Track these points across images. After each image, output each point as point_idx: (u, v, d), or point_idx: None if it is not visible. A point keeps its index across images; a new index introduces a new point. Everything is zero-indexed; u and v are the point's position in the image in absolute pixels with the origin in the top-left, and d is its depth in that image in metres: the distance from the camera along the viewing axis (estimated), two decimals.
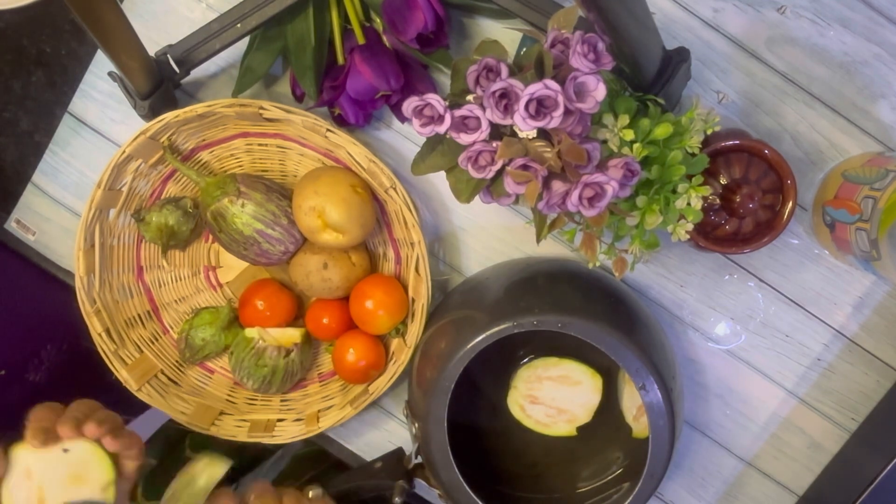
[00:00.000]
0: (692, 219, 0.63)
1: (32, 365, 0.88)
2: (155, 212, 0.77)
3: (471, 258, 0.81)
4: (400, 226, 0.75)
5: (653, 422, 0.66)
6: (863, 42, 0.73)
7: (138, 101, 0.70)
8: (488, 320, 0.66)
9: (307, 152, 0.76)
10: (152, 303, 0.81)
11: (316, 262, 0.76)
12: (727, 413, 0.81)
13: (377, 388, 0.75)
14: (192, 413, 0.77)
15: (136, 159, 0.72)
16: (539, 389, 0.77)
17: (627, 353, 0.65)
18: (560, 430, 0.77)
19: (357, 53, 0.69)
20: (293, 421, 0.79)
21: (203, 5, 0.79)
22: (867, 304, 0.77)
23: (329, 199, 0.71)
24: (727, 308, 0.79)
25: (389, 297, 0.76)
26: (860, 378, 0.78)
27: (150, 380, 0.77)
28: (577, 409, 0.77)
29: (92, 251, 0.74)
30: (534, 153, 0.57)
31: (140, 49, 0.64)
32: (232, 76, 0.79)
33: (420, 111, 0.58)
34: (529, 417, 0.77)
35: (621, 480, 0.75)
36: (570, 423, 0.76)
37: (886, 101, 0.74)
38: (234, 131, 0.76)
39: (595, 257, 0.64)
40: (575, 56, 0.55)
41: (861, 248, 0.66)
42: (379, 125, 0.79)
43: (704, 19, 0.74)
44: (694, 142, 0.63)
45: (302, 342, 0.78)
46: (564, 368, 0.77)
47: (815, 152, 0.75)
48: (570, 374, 0.76)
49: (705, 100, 0.75)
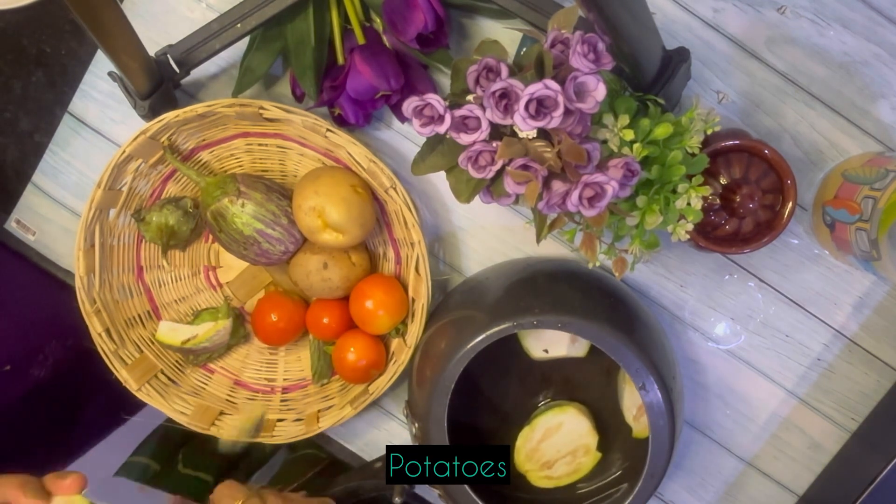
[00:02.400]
0: (692, 219, 0.63)
1: (37, 361, 0.88)
2: (155, 212, 0.77)
3: (471, 258, 0.81)
4: (400, 226, 0.74)
5: (653, 422, 0.66)
6: (863, 42, 0.73)
7: (138, 101, 0.70)
8: (488, 320, 0.66)
9: (307, 152, 0.76)
10: (152, 303, 0.81)
11: (316, 262, 0.76)
12: (727, 413, 0.81)
13: (377, 388, 0.75)
14: (192, 413, 0.77)
15: (136, 159, 0.72)
16: (543, 455, 0.77)
17: (627, 353, 0.65)
18: (589, 464, 0.77)
19: (357, 53, 0.69)
20: (293, 421, 0.79)
21: (203, 5, 0.79)
22: (867, 304, 0.77)
23: (329, 199, 0.71)
24: (727, 308, 0.79)
25: (390, 297, 0.76)
26: (860, 378, 0.78)
27: (149, 380, 0.77)
28: (581, 440, 0.76)
29: (92, 251, 0.74)
30: (534, 153, 0.57)
31: (140, 49, 0.64)
32: (232, 76, 0.79)
33: (420, 111, 0.58)
34: (560, 478, 0.77)
35: (621, 481, 0.75)
36: (589, 453, 0.76)
37: (886, 101, 0.74)
38: (234, 131, 0.76)
39: (595, 257, 0.64)
40: (575, 56, 0.55)
41: (861, 248, 0.66)
42: (379, 125, 0.79)
43: (704, 19, 0.74)
44: (694, 142, 0.63)
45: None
46: (541, 425, 0.77)
47: (815, 152, 0.75)
48: (548, 424, 0.77)
49: (705, 100, 0.75)
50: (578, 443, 0.76)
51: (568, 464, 0.76)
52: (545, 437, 0.77)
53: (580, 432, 0.76)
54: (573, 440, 0.76)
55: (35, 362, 0.88)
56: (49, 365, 0.89)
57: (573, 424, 0.76)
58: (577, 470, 0.77)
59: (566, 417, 0.77)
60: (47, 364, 0.89)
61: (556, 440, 0.77)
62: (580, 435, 0.76)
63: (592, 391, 0.79)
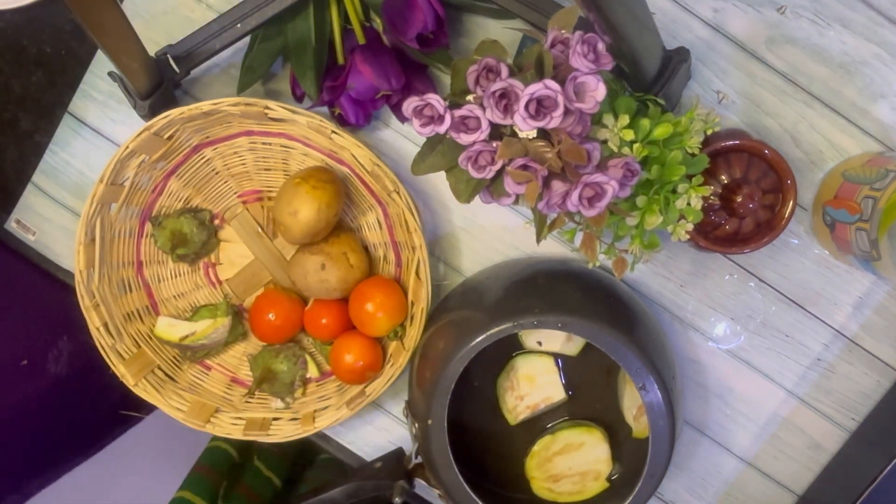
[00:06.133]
0: (692, 219, 0.63)
1: (52, 356, 0.88)
2: (172, 218, 0.78)
3: (471, 258, 0.81)
4: (401, 229, 0.74)
5: (653, 422, 0.66)
6: (863, 42, 0.73)
7: (138, 101, 0.70)
8: (488, 320, 0.66)
9: (311, 152, 0.77)
10: (151, 298, 0.81)
11: (314, 262, 0.76)
12: (727, 413, 0.81)
13: (374, 390, 0.75)
14: (189, 410, 0.77)
15: (139, 155, 0.73)
16: (554, 468, 0.77)
17: (627, 353, 0.65)
18: (594, 490, 0.76)
19: (358, 53, 0.69)
20: (289, 420, 0.79)
21: (203, 5, 0.79)
22: (867, 304, 0.77)
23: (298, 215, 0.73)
24: (727, 308, 0.79)
25: (389, 299, 0.76)
26: (860, 378, 0.78)
27: (146, 375, 0.77)
28: (596, 465, 0.76)
29: (92, 245, 0.74)
30: (534, 153, 0.57)
31: (140, 49, 0.64)
32: (231, 76, 0.79)
33: (420, 111, 0.58)
34: (561, 494, 0.76)
35: (621, 481, 0.75)
36: (598, 480, 0.76)
37: (886, 101, 0.74)
38: (238, 129, 0.76)
39: (595, 257, 0.64)
40: (575, 56, 0.55)
41: (861, 248, 0.66)
42: (379, 125, 0.79)
43: (704, 19, 0.74)
44: (694, 142, 0.63)
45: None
46: (562, 438, 0.77)
47: (815, 152, 0.75)
48: (570, 440, 0.77)
49: (705, 100, 0.75)
50: (592, 467, 0.76)
51: (574, 483, 0.76)
52: (562, 452, 0.76)
53: (598, 457, 0.76)
54: (588, 462, 0.76)
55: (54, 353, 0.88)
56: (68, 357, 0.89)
57: (593, 448, 0.76)
58: (580, 492, 0.76)
59: (590, 439, 0.76)
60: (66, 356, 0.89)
61: (571, 457, 0.76)
62: (597, 460, 0.76)
63: (592, 391, 0.79)
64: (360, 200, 0.79)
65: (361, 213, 0.80)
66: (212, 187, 0.81)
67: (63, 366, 0.91)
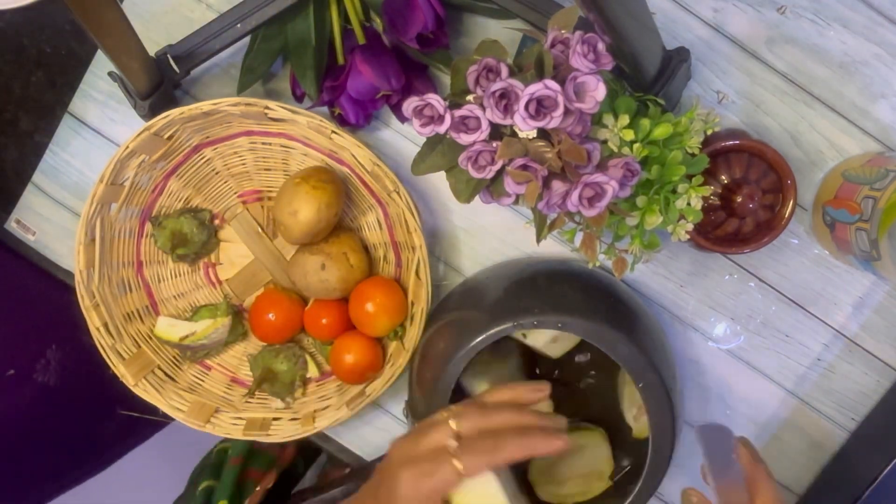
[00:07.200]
0: (692, 219, 0.63)
1: (40, 366, 0.88)
2: (172, 218, 0.78)
3: (471, 258, 0.81)
4: (402, 229, 0.75)
5: (653, 422, 0.66)
6: (863, 42, 0.73)
7: (138, 101, 0.70)
8: (488, 320, 0.66)
9: (311, 152, 0.77)
10: (151, 298, 0.81)
11: (314, 262, 0.76)
12: (728, 413, 0.80)
13: (374, 390, 0.75)
14: (189, 410, 0.77)
15: (139, 155, 0.73)
16: (557, 471, 0.76)
17: (627, 353, 0.65)
18: (598, 489, 0.76)
19: (358, 53, 0.69)
20: (289, 420, 0.79)
21: (203, 5, 0.79)
22: (867, 304, 0.77)
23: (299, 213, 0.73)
24: (727, 308, 0.79)
25: (390, 299, 0.76)
26: (860, 378, 0.78)
27: (146, 375, 0.77)
28: (597, 464, 0.76)
29: (92, 245, 0.74)
30: (534, 153, 0.57)
31: (140, 49, 0.64)
32: (231, 76, 0.79)
33: (420, 111, 0.58)
34: (566, 497, 0.76)
35: (621, 482, 0.75)
36: (601, 479, 0.76)
37: (886, 101, 0.74)
38: (238, 129, 0.76)
39: (595, 257, 0.64)
40: (575, 56, 0.55)
41: (861, 248, 0.66)
42: (379, 125, 0.79)
43: (704, 19, 0.74)
44: (694, 142, 0.63)
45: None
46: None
47: (815, 152, 0.75)
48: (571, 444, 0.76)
49: (705, 100, 0.75)
50: (594, 468, 0.76)
51: (578, 485, 0.76)
52: (564, 455, 0.76)
53: (599, 458, 0.76)
54: (590, 464, 0.76)
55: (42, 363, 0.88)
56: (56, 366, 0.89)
57: (595, 449, 0.76)
58: (585, 492, 0.76)
59: (590, 441, 0.76)
60: (54, 365, 0.89)
61: (574, 460, 0.76)
62: (599, 461, 0.76)
63: (592, 392, 0.79)
64: (360, 200, 0.79)
65: (361, 213, 0.80)
66: (212, 187, 0.81)
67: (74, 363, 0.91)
